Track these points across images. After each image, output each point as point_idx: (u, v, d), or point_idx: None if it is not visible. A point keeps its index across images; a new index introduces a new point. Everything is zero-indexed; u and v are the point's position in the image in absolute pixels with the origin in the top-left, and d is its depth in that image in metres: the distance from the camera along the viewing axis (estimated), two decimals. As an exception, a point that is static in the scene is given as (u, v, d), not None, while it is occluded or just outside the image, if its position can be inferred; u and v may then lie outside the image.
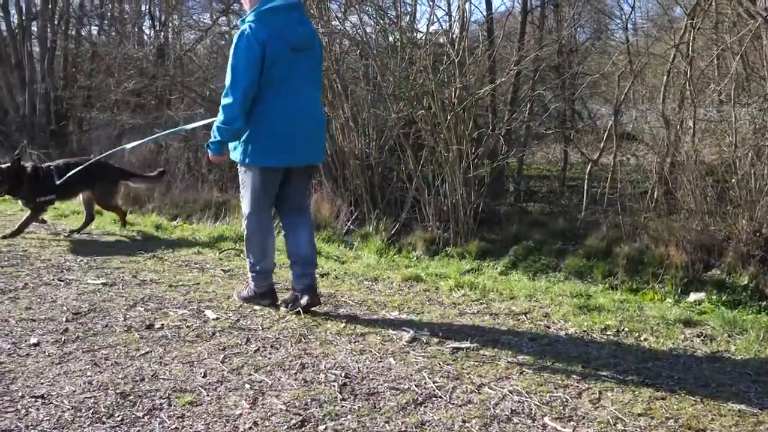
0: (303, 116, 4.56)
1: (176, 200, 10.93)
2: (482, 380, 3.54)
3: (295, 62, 4.46)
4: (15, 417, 3.06)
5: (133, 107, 15.05)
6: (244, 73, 4.30)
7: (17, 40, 17.33)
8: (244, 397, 3.31)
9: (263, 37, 4.28)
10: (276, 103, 4.44)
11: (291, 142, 4.51)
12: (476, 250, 8.74)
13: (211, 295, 5.05)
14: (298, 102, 4.52)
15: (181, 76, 13.50)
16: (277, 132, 4.45)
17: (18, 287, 5.12)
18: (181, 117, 12.90)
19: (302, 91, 4.55)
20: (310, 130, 4.65)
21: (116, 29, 17.30)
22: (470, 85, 9.38)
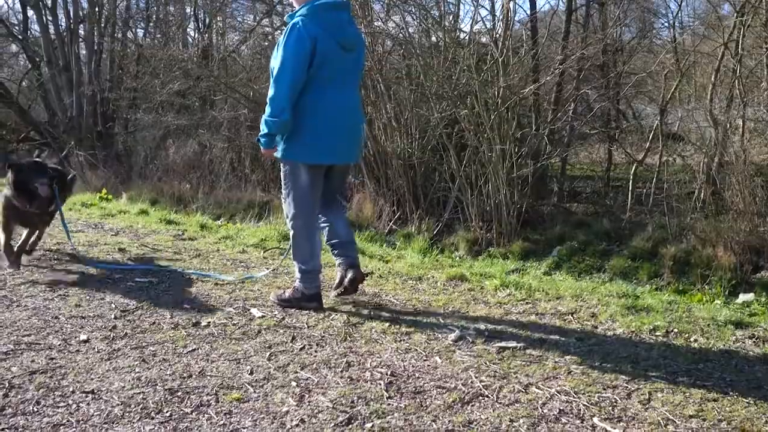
0: (348, 115, 4.65)
1: (220, 200, 11.03)
2: (529, 380, 3.51)
3: (343, 61, 4.52)
4: (66, 412, 3.11)
5: (177, 108, 15.22)
6: (293, 67, 4.34)
7: (65, 43, 17.63)
8: (290, 395, 3.32)
9: (315, 33, 4.33)
10: (324, 101, 4.49)
11: (336, 140, 4.57)
12: (519, 250, 8.68)
13: (256, 293, 5.08)
14: (344, 101, 4.60)
15: (225, 77, 13.60)
16: (324, 129, 4.50)
17: (68, 284, 5.20)
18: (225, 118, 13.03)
19: (347, 91, 4.64)
20: (354, 129, 4.76)
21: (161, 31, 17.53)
22: (514, 84, 9.32)
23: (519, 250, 8.59)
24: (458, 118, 9.57)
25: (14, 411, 3.09)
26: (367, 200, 10.27)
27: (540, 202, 10.29)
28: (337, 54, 4.45)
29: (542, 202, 10.38)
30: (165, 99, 14.80)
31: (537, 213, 9.96)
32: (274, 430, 2.98)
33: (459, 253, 8.71)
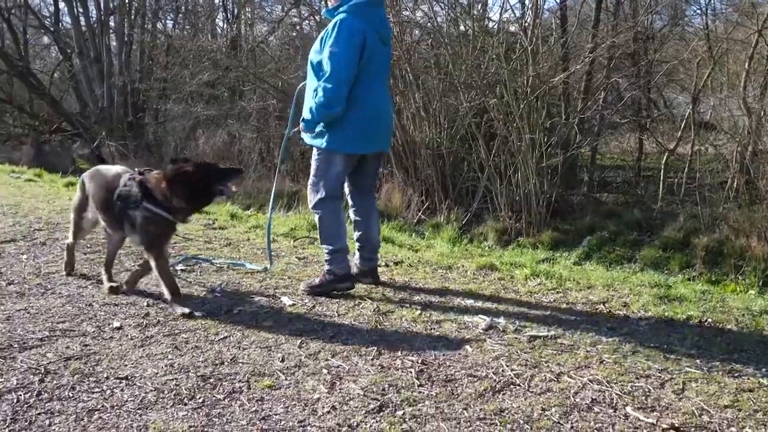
0: (386, 106, 4.87)
1: (249, 190, 11.09)
2: (561, 369, 3.50)
3: (382, 55, 4.68)
4: (101, 397, 3.14)
5: (207, 99, 15.32)
6: (349, 61, 4.43)
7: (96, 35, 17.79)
8: (321, 382, 3.33)
9: (363, 29, 4.45)
10: (371, 94, 4.62)
11: (376, 131, 4.74)
12: (549, 240, 8.65)
13: (286, 282, 5.09)
14: (382, 93, 4.79)
15: (253, 67, 13.66)
16: (369, 121, 4.64)
17: (101, 272, 5.25)
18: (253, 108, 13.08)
19: (384, 83, 4.88)
20: (389, 119, 4.99)
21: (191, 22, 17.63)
22: (543, 73, 9.27)
23: (548, 239, 8.57)
24: (487, 107, 9.54)
25: (50, 396, 3.13)
26: (395, 190, 10.28)
27: (570, 192, 10.25)
28: (379, 48, 4.59)
29: (572, 192, 10.33)
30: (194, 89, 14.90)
31: (567, 203, 9.93)
32: (305, 417, 2.99)
33: (488, 243, 8.69)
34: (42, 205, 8.21)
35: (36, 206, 8.13)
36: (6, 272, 5.18)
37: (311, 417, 2.99)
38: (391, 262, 5.80)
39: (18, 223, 7.01)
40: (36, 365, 3.46)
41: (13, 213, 7.63)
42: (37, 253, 5.80)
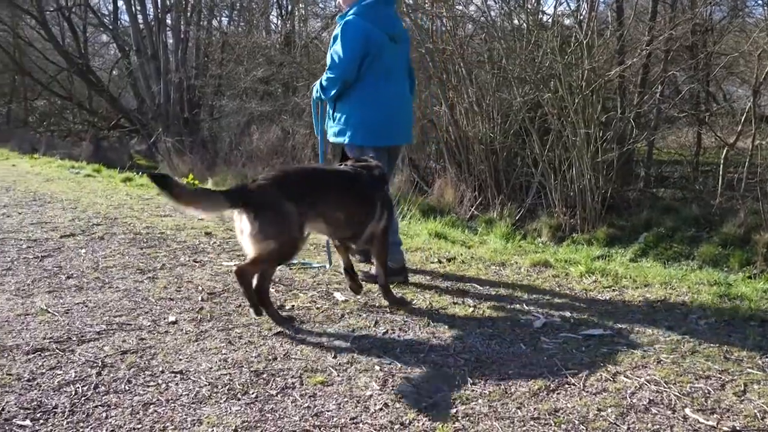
0: (402, 102, 5.13)
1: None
2: (617, 368, 3.43)
3: (394, 52, 4.94)
4: (156, 391, 3.18)
5: (261, 95, 15.43)
6: (348, 61, 4.76)
7: (153, 32, 18.06)
8: (374, 379, 3.32)
9: (367, 29, 4.76)
10: (384, 91, 4.91)
11: (394, 125, 5.03)
12: (604, 236, 8.52)
13: (339, 277, 5.10)
14: (398, 89, 5.05)
15: (307, 63, 13.72)
16: (386, 116, 4.93)
17: (156, 267, 5.33)
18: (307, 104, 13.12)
19: (400, 79, 5.09)
20: (408, 114, 5.25)
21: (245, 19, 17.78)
22: (599, 67, 9.12)
23: (604, 236, 8.45)
24: (541, 101, 9.43)
25: (107, 389, 3.18)
26: (448, 185, 10.23)
27: (625, 188, 10.09)
28: (388, 46, 4.85)
29: (628, 188, 10.17)
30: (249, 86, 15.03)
31: (622, 198, 9.78)
32: (357, 414, 2.99)
33: (542, 239, 8.61)
34: (100, 200, 8.38)
35: (94, 201, 8.30)
36: (65, 266, 5.30)
37: (363, 414, 2.99)
38: (443, 258, 5.77)
39: (77, 218, 7.17)
40: (93, 358, 3.52)
41: (72, 208, 7.80)
42: (95, 248, 5.92)
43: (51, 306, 4.34)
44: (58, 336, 3.83)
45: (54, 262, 5.44)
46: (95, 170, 12.06)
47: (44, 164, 13.47)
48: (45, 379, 3.27)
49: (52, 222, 6.96)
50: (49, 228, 6.68)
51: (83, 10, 23.97)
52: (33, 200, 8.36)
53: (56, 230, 6.58)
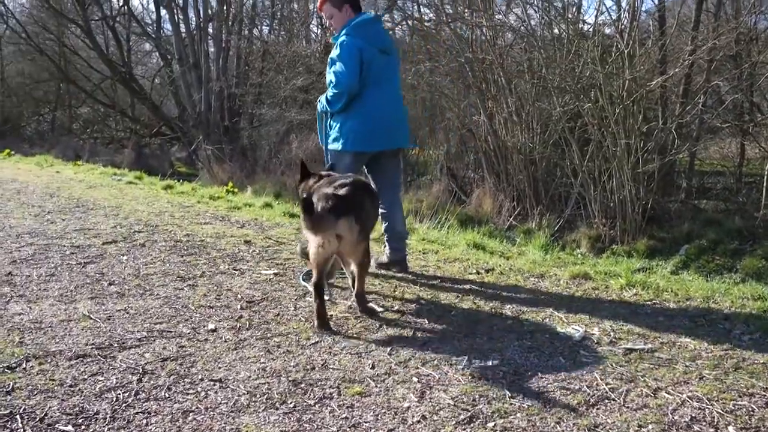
0: (393, 108, 5.57)
1: (340, 194, 11.14)
2: (658, 384, 3.38)
3: (384, 63, 5.42)
4: (195, 399, 3.21)
5: (300, 103, 15.53)
6: (350, 75, 5.26)
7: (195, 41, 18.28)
8: (411, 390, 3.31)
9: (360, 45, 5.28)
10: (367, 99, 5.39)
11: (376, 132, 5.44)
12: (644, 248, 8.44)
13: (377, 287, 5.10)
14: (388, 96, 5.51)
15: (346, 72, 13.76)
16: (374, 122, 5.41)
17: (196, 275, 5.38)
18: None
19: (390, 87, 5.53)
20: (398, 119, 5.63)
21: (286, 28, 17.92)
22: (640, 76, 9.04)
23: (644, 247, 8.36)
24: (581, 111, 9.37)
25: (147, 396, 3.22)
26: (486, 195, 10.21)
27: (666, 199, 9.99)
28: (378, 58, 5.36)
29: (669, 199, 10.06)
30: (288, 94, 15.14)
31: (663, 210, 9.68)
32: (395, 426, 2.98)
33: (581, 250, 8.53)
34: (142, 207, 8.49)
35: (136, 208, 8.41)
36: (107, 273, 5.37)
37: (401, 426, 2.98)
38: (482, 269, 5.75)
39: (119, 225, 7.27)
40: (134, 365, 3.56)
41: (114, 215, 7.91)
42: (136, 255, 5.99)
43: (93, 312, 4.40)
44: (100, 342, 3.88)
45: (96, 268, 5.52)
46: (137, 177, 12.23)
47: (87, 171, 13.69)
48: (87, 385, 3.31)
49: (94, 229, 7.07)
50: (92, 234, 6.78)
51: (127, 19, 24.40)
52: (76, 207, 8.50)
53: (99, 237, 6.68)
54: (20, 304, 4.53)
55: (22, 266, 5.51)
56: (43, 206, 8.49)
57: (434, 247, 6.62)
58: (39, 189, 10.27)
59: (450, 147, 12.25)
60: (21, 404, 3.09)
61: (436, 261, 6.07)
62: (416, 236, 7.18)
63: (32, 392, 3.21)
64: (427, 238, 7.08)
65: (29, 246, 6.22)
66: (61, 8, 23.39)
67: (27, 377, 3.37)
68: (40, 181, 11.40)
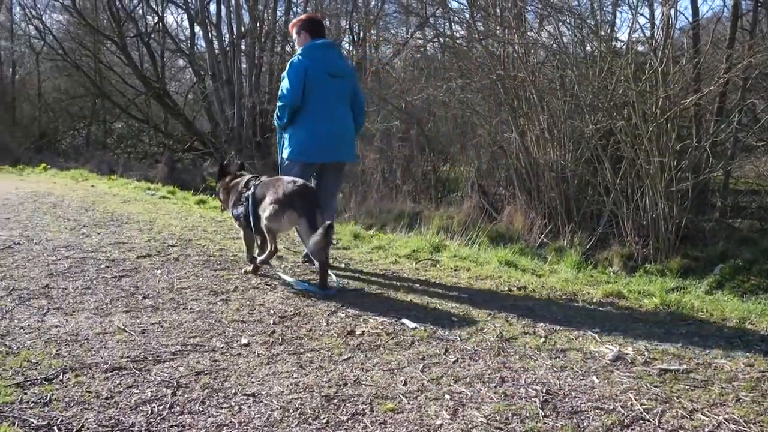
0: (336, 126, 6.11)
1: (371, 210, 11.20)
2: (694, 405, 3.35)
3: (332, 85, 6.05)
4: (229, 413, 3.22)
5: (332, 119, 15.57)
6: (293, 90, 5.98)
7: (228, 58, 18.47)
8: (444, 408, 3.30)
9: (306, 65, 5.98)
10: (311, 115, 6.03)
11: (317, 146, 6.06)
12: (678, 267, 8.35)
13: (409, 304, 5.11)
14: (332, 115, 6.08)
15: (378, 89, 13.84)
16: (310, 138, 6.05)
17: (229, 290, 5.42)
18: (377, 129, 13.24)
19: (336, 107, 6.11)
20: (341, 136, 6.17)
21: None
22: (674, 94, 8.98)
23: (677, 266, 8.28)
24: (614, 129, 9.32)
25: (181, 409, 3.24)
26: (517, 212, 10.18)
27: (701, 217, 9.88)
28: (325, 80, 6.01)
29: (703, 218, 9.96)
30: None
31: (697, 228, 9.57)
32: (428, 443, 2.98)
33: (613, 269, 8.47)
34: (175, 222, 8.57)
35: (170, 222, 8.49)
36: (142, 286, 5.43)
37: (434, 443, 2.98)
38: (514, 287, 5.73)
39: (153, 239, 7.34)
40: (169, 378, 3.59)
41: (148, 229, 8.00)
42: (170, 269, 6.05)
43: (128, 325, 4.45)
44: (135, 355, 3.92)
45: (131, 282, 5.58)
46: (170, 192, 12.35)
47: (121, 185, 13.86)
48: (122, 398, 3.35)
49: (129, 243, 7.15)
50: (127, 248, 6.86)
51: (161, 36, 24.74)
52: (111, 221, 8.60)
53: (133, 251, 6.75)
54: (57, 317, 4.59)
55: (58, 279, 5.59)
56: (79, 220, 8.60)
57: (466, 264, 6.61)
58: (74, 203, 10.41)
59: (481, 164, 12.24)
60: (58, 415, 3.12)
61: (467, 278, 6.06)
62: (447, 253, 7.18)
63: (69, 404, 3.25)
64: (458, 255, 7.08)
65: (65, 259, 6.31)
66: (97, 25, 23.80)
67: (64, 389, 3.42)
68: (76, 195, 11.55)
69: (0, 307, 4.76)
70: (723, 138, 10.11)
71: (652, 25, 9.98)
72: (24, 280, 5.54)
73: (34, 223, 8.33)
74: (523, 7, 10.77)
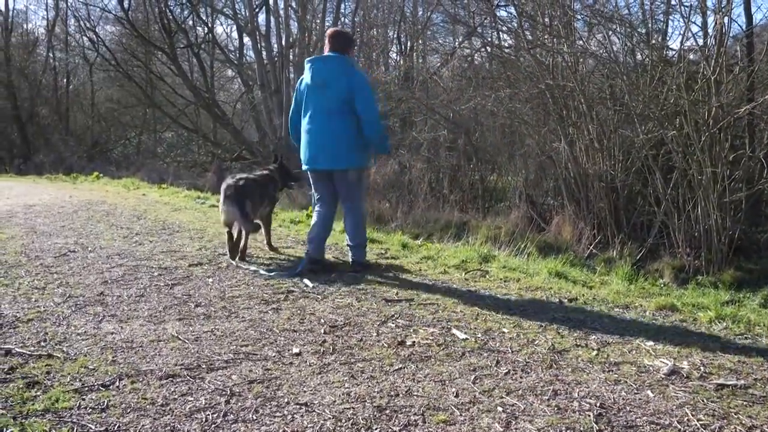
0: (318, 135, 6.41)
1: (418, 219, 11.18)
2: (753, 422, 3.28)
3: (319, 95, 6.36)
4: (282, 422, 3.25)
5: (379, 129, 15.61)
6: (292, 105, 6.76)
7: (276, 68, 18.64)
8: (496, 420, 3.29)
9: (301, 79, 6.63)
10: (305, 126, 6.48)
11: (309, 153, 6.49)
12: (731, 279, 8.18)
13: (459, 315, 5.10)
14: (317, 124, 6.39)
15: (425, 98, 13.84)
16: (304, 145, 6.54)
17: (280, 299, 5.47)
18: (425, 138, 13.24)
19: (313, 117, 6.41)
20: (320, 146, 6.42)
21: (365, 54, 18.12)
22: (727, 103, 8.82)
23: (730, 279, 8.11)
24: (665, 139, 9.18)
25: (235, 417, 3.28)
26: (566, 223, 10.08)
27: (754, 229, 9.68)
28: (312, 90, 6.39)
29: (757, 229, 9.75)
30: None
31: (751, 240, 9.38)
32: (481, 455, 2.97)
33: (663, 281, 8.33)
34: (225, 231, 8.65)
35: (220, 231, 8.57)
36: (194, 295, 5.50)
37: (487, 456, 2.97)
38: (564, 298, 5.69)
39: (204, 248, 7.44)
40: (222, 386, 3.63)
41: (199, 237, 8.10)
42: (221, 277, 6.12)
43: (181, 333, 4.51)
44: (189, 363, 3.97)
45: (183, 290, 5.66)
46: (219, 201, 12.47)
47: (172, 194, 14.07)
48: (177, 405, 3.39)
49: (180, 251, 7.25)
50: (178, 257, 6.96)
51: (211, 46, 25.09)
52: (162, 229, 8.73)
53: (185, 259, 6.85)
54: (112, 324, 4.68)
55: (113, 286, 5.70)
56: (131, 228, 8.75)
57: (515, 275, 6.58)
58: (126, 211, 10.59)
59: (529, 173, 12.16)
60: (115, 422, 3.18)
61: (517, 289, 6.03)
62: (496, 263, 7.15)
63: (125, 410, 3.31)
64: (507, 266, 7.04)
65: (119, 267, 6.43)
66: (148, 36, 24.22)
67: (120, 395, 3.48)
68: (128, 204, 11.76)
69: (57, 314, 4.87)
70: (778, 148, 9.89)
71: (704, 33, 9.81)
72: (79, 287, 5.66)
73: (88, 231, 8.49)
74: (572, 15, 10.68)
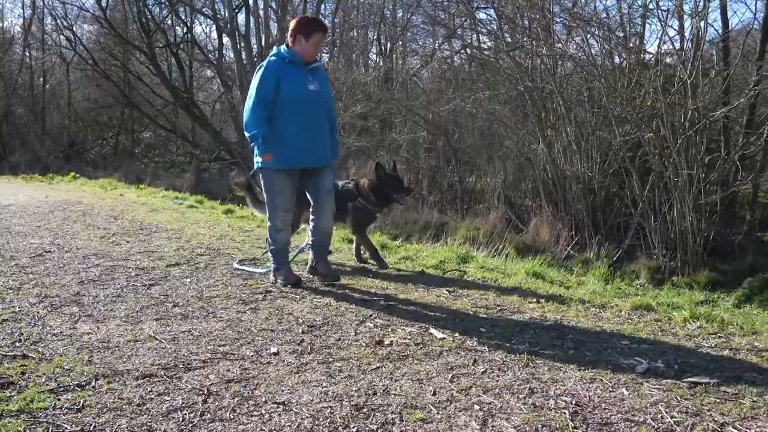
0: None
1: (397, 221, 11.21)
2: (725, 419, 3.32)
3: None
4: (260, 421, 3.25)
5: (359, 130, 15.65)
6: None
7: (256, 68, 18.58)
8: (473, 418, 3.31)
9: None
10: None
11: None
12: (706, 280, 8.29)
13: (437, 314, 5.11)
14: None
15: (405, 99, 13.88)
16: None
17: (258, 299, 5.46)
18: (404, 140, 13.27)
19: None
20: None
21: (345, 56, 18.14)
22: (703, 107, 8.93)
23: (705, 280, 8.22)
24: (642, 141, 9.28)
25: (212, 417, 3.27)
26: (544, 224, 10.15)
27: (729, 231, 9.80)
28: None
29: (732, 231, 9.87)
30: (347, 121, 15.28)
31: (725, 242, 9.51)
32: (457, 453, 2.98)
33: (639, 281, 8.43)
34: (203, 231, 8.64)
35: (198, 231, 8.56)
36: (171, 295, 5.48)
37: (463, 453, 2.99)
38: (542, 298, 5.72)
39: (182, 248, 7.41)
40: (199, 386, 3.62)
41: (177, 238, 8.07)
42: (199, 277, 6.10)
43: (158, 333, 4.49)
44: (166, 363, 3.96)
45: (161, 290, 5.64)
46: (198, 201, 12.45)
47: (149, 194, 14.00)
48: (154, 405, 3.38)
49: (158, 251, 7.22)
50: (156, 257, 6.93)
51: (190, 46, 24.98)
52: (140, 229, 8.70)
53: (162, 259, 6.82)
54: (88, 324, 4.65)
55: (89, 287, 5.67)
56: (108, 228, 8.70)
57: (493, 276, 6.61)
58: (104, 211, 10.53)
59: (508, 175, 12.23)
60: (91, 422, 3.17)
61: (495, 289, 6.05)
62: (475, 264, 7.18)
63: (102, 410, 3.29)
64: (485, 267, 7.08)
65: (96, 267, 6.39)
66: (127, 36, 24.08)
67: (96, 395, 3.46)
68: (105, 204, 11.69)
69: (33, 314, 4.83)
70: (752, 151, 10.03)
71: (681, 37, 9.92)
72: (55, 287, 5.62)
73: (64, 231, 8.44)
74: (551, 18, 10.77)
